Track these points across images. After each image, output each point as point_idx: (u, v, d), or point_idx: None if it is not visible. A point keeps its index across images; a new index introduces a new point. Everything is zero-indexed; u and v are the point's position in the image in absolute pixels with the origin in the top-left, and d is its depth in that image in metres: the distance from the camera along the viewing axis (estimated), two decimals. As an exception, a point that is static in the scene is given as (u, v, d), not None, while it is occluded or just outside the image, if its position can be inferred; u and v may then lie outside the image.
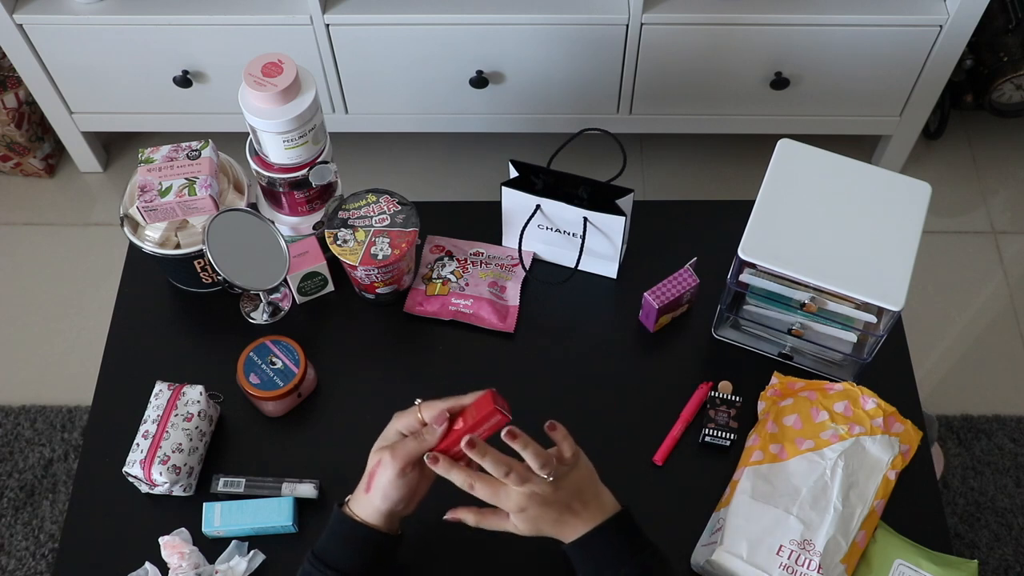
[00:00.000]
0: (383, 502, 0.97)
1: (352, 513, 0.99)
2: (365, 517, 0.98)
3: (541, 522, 0.96)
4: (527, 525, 0.96)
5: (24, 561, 1.82)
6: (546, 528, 0.96)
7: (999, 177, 2.33)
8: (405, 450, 0.96)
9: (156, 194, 1.22)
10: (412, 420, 0.99)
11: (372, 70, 2.02)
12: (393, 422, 1.00)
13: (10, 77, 2.14)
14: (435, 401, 0.99)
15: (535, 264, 1.34)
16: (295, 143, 1.21)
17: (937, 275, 2.17)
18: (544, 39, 1.94)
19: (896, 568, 1.07)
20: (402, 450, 0.96)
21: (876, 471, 1.11)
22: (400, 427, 0.99)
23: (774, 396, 1.19)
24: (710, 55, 1.97)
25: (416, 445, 0.97)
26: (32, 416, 1.98)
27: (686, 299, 1.25)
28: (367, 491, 0.98)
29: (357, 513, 0.99)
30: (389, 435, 0.99)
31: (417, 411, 0.99)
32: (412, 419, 0.99)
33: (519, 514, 0.95)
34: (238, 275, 1.18)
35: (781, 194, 1.15)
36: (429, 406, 0.99)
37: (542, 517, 0.95)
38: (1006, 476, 1.90)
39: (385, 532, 0.99)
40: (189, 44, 1.97)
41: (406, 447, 0.97)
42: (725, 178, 2.30)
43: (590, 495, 0.98)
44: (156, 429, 1.13)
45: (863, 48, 1.94)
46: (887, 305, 1.07)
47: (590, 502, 0.97)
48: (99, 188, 2.32)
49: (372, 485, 0.97)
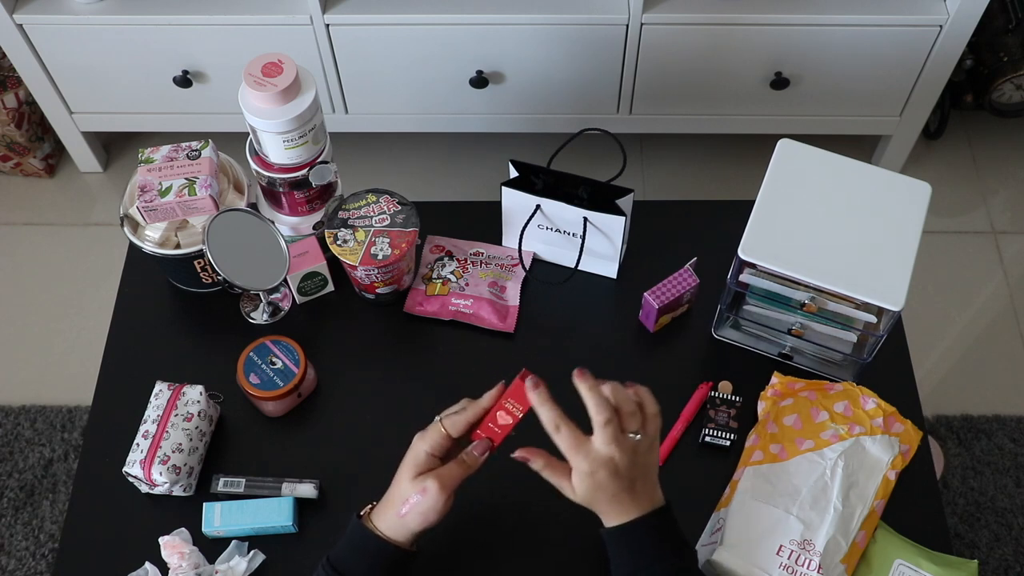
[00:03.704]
0: (419, 526, 0.96)
1: (374, 527, 0.98)
2: (392, 535, 0.97)
3: (601, 492, 0.93)
4: (587, 492, 0.93)
5: (24, 561, 1.82)
6: (601, 501, 0.94)
7: (999, 177, 2.33)
8: (452, 478, 0.95)
9: (156, 194, 1.22)
10: (439, 439, 0.97)
11: (372, 70, 2.02)
12: (418, 444, 0.98)
13: (10, 77, 2.14)
14: (455, 416, 0.97)
15: (535, 264, 1.34)
16: (295, 143, 1.21)
17: (937, 275, 2.17)
18: (544, 39, 1.94)
19: (896, 568, 1.07)
20: (449, 479, 0.95)
21: (876, 471, 1.11)
22: (428, 448, 0.97)
23: (774, 396, 1.19)
24: (710, 55, 1.97)
25: (461, 471, 0.96)
26: (32, 416, 1.98)
27: (686, 299, 1.25)
28: (401, 515, 0.96)
29: (381, 529, 0.97)
30: (421, 460, 0.96)
31: (440, 427, 0.97)
32: (439, 438, 0.97)
33: (587, 477, 0.92)
34: (238, 275, 1.18)
35: (781, 194, 1.15)
36: (452, 421, 0.97)
37: (605, 487, 0.92)
38: (1006, 476, 1.90)
39: (407, 550, 0.98)
40: (189, 44, 1.97)
41: (452, 475, 0.95)
42: (725, 178, 2.31)
43: (652, 481, 0.96)
44: (156, 429, 1.13)
45: (863, 48, 1.94)
46: (887, 305, 1.07)
47: (649, 488, 0.95)
48: (99, 188, 2.32)
49: (410, 510, 0.96)
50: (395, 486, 0.98)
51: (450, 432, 0.97)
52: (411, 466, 0.97)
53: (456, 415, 0.98)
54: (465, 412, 0.97)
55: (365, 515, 1.00)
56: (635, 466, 0.93)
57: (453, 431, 0.97)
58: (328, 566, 0.97)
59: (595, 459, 0.92)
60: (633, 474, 0.93)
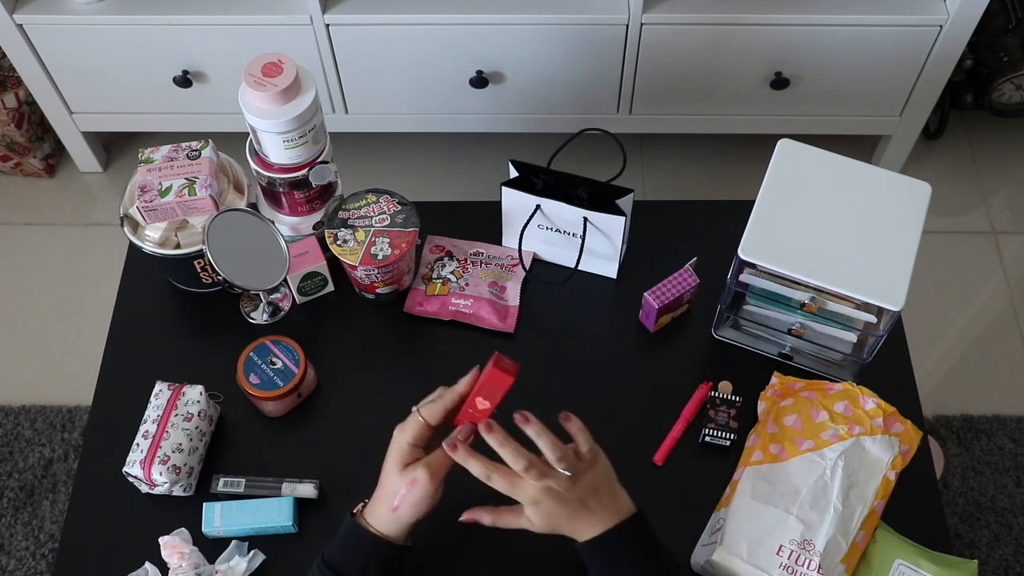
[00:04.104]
0: (413, 517, 0.97)
1: (367, 524, 0.98)
2: (385, 531, 0.97)
3: (556, 518, 0.95)
4: (542, 520, 0.95)
5: (24, 561, 1.82)
6: (561, 525, 0.96)
7: (999, 177, 2.33)
8: (440, 465, 0.96)
9: (156, 194, 1.22)
10: (420, 429, 0.97)
11: (372, 70, 2.02)
12: (400, 436, 0.98)
13: (10, 77, 2.14)
14: (432, 404, 0.98)
15: (535, 264, 1.34)
16: (295, 143, 1.21)
17: (937, 275, 2.17)
18: (544, 39, 1.94)
19: (896, 568, 1.07)
20: (438, 467, 0.96)
21: (876, 471, 1.11)
22: (410, 439, 0.97)
23: (774, 396, 1.19)
24: (710, 55, 1.97)
25: (448, 458, 0.96)
26: (32, 416, 1.98)
27: (686, 299, 1.25)
28: (394, 509, 0.96)
29: (375, 526, 0.98)
30: (404, 452, 0.97)
31: (418, 417, 0.98)
32: (419, 428, 0.97)
33: (534, 508, 0.94)
34: (238, 275, 1.18)
35: (781, 194, 1.15)
36: (429, 409, 0.98)
37: (557, 513, 0.94)
38: (1006, 476, 1.90)
39: (401, 545, 0.98)
40: (189, 44, 1.97)
41: (440, 462, 0.96)
42: (725, 178, 2.31)
43: (607, 494, 0.97)
44: (156, 429, 1.13)
45: (863, 48, 1.94)
46: (887, 305, 1.07)
47: (606, 501, 0.97)
48: (99, 188, 2.32)
49: (402, 503, 0.96)
50: (383, 481, 0.99)
51: (428, 421, 0.97)
52: (396, 459, 0.97)
53: (433, 403, 0.98)
54: (442, 399, 0.98)
55: (358, 513, 1.01)
56: (578, 487, 0.95)
57: (432, 419, 0.97)
58: (323, 565, 0.98)
59: (533, 493, 0.94)
60: (580, 494, 0.95)
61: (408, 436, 0.97)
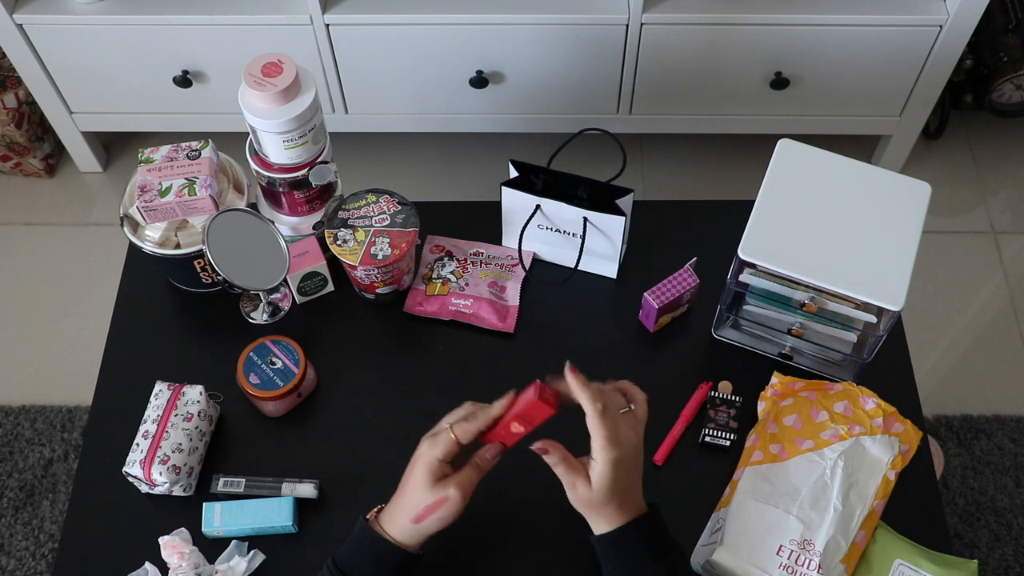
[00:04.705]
0: (436, 530, 0.97)
1: (383, 531, 0.98)
2: (402, 539, 0.97)
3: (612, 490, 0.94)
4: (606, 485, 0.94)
5: (24, 561, 1.82)
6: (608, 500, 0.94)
7: (999, 177, 2.33)
8: (470, 483, 0.97)
9: (156, 194, 1.22)
10: (451, 447, 0.97)
11: (372, 70, 2.02)
12: (430, 452, 0.97)
13: (10, 77, 2.14)
14: (467, 424, 0.97)
15: (535, 264, 1.34)
16: (295, 143, 1.21)
17: (937, 275, 2.17)
18: (544, 39, 1.94)
19: (896, 568, 1.07)
20: (469, 485, 0.96)
21: (876, 471, 1.11)
22: (440, 455, 0.96)
23: (774, 396, 1.19)
24: (710, 55, 1.97)
25: (477, 475, 0.97)
26: (32, 416, 1.98)
27: (686, 299, 1.25)
28: (417, 521, 0.96)
29: (391, 534, 0.98)
30: (435, 468, 0.96)
31: (451, 435, 0.97)
32: (451, 445, 0.97)
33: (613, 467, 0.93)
34: (238, 275, 1.18)
35: (781, 194, 1.15)
36: (463, 429, 0.97)
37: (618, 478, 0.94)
38: (1006, 476, 1.90)
39: (415, 553, 0.98)
40: (189, 44, 1.97)
41: (470, 480, 0.97)
42: (725, 178, 2.30)
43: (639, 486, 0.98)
44: (156, 429, 1.13)
45: (863, 48, 1.94)
46: (887, 305, 1.07)
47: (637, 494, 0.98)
48: (99, 188, 2.32)
49: (428, 517, 0.96)
50: (409, 493, 0.97)
51: (461, 440, 0.97)
52: (426, 474, 0.96)
53: (467, 424, 0.97)
54: (476, 421, 0.97)
55: (372, 518, 1.00)
56: (638, 463, 0.97)
57: (464, 439, 0.97)
58: (334, 567, 0.97)
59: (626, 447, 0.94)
60: (636, 472, 0.97)
61: (439, 452, 0.96)
